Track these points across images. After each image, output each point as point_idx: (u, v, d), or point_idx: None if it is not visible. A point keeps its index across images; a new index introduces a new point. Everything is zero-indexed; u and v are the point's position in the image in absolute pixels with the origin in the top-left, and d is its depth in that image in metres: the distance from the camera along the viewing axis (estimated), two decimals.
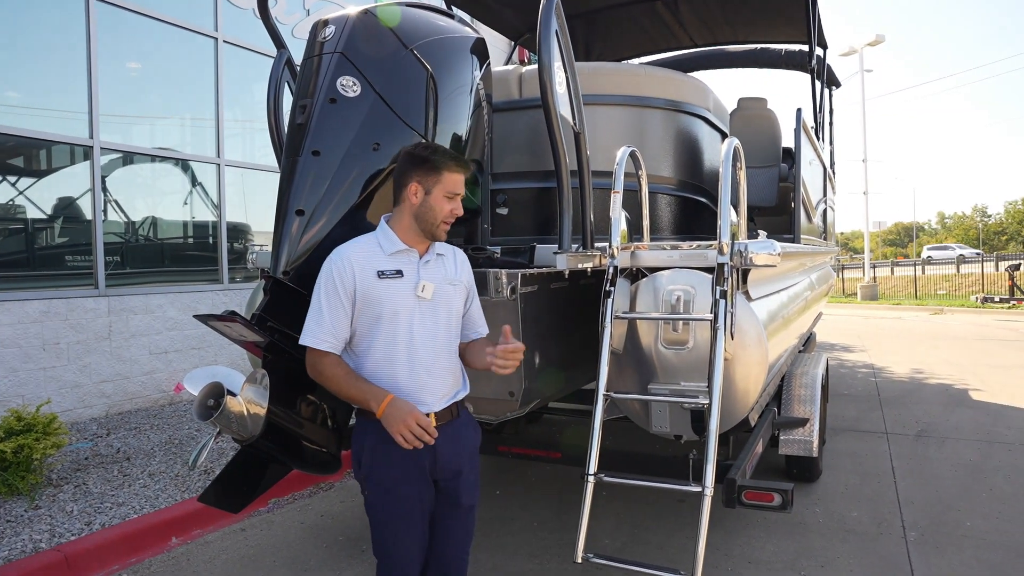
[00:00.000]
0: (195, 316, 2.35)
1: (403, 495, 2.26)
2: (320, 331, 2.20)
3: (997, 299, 19.06)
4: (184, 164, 7.77)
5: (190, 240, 7.96)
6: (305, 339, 2.22)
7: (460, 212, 2.31)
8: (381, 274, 2.22)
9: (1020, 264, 22.18)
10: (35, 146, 6.47)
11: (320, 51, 2.64)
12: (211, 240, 7.93)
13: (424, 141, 2.33)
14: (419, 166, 2.24)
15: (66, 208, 6.67)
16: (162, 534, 4.06)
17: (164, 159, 7.64)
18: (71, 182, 6.70)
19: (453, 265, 2.41)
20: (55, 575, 3.56)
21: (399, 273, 2.24)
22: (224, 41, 7.83)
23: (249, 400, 2.23)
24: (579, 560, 2.83)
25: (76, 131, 6.53)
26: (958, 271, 29.45)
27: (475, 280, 2.64)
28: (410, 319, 2.25)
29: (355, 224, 2.49)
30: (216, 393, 2.21)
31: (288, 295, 2.39)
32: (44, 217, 6.56)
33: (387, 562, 2.31)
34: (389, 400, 2.16)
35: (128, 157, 7.22)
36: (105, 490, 4.55)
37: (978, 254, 39.37)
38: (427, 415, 2.23)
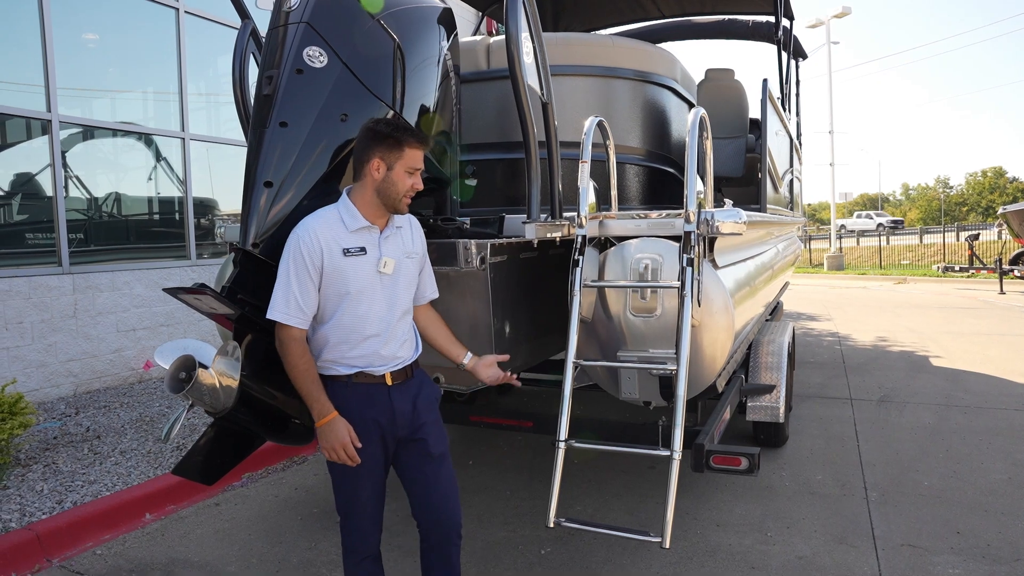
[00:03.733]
0: (165, 289, 2.34)
1: (360, 453, 2.33)
2: (288, 307, 2.24)
3: (957, 268, 19.48)
4: (147, 139, 7.61)
5: (156, 216, 7.83)
6: (273, 314, 2.25)
7: (420, 187, 2.35)
8: (347, 252, 2.27)
9: (979, 234, 22.67)
10: None
11: (286, 21, 2.61)
12: (177, 216, 7.81)
13: (385, 117, 2.35)
14: (381, 142, 2.26)
15: (25, 184, 6.51)
16: (136, 511, 4.04)
17: (127, 133, 7.48)
18: (29, 157, 6.53)
19: (410, 236, 2.48)
20: (27, 554, 3.54)
21: (363, 250, 2.30)
22: (186, 12, 7.64)
23: (221, 372, 2.24)
24: (551, 525, 2.88)
25: (33, 104, 6.35)
26: (921, 241, 30.01)
27: (445, 251, 2.75)
28: (372, 293, 2.32)
29: (324, 195, 2.48)
30: (188, 366, 2.21)
31: (258, 267, 2.39)
32: (1, 194, 6.40)
33: (348, 517, 2.47)
34: (330, 418, 2.26)
35: (88, 131, 7.06)
36: (76, 468, 4.52)
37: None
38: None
